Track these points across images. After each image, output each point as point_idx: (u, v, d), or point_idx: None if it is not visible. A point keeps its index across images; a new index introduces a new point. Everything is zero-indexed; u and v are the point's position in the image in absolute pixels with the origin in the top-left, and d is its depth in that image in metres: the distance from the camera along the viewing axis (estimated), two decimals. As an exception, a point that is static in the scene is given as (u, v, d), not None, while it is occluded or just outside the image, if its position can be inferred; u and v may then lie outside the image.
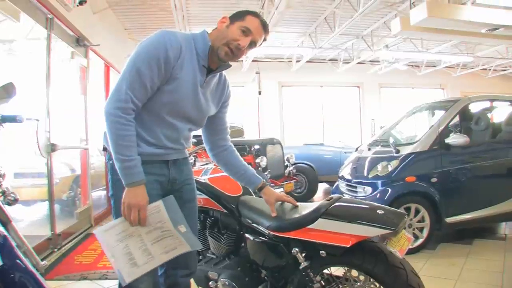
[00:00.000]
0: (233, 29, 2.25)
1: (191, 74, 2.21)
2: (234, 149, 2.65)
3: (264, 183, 2.54)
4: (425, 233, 5.17)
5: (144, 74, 2.05)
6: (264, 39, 2.39)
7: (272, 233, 2.31)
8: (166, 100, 2.18)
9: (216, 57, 2.28)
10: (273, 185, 7.93)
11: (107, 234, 2.06)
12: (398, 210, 2.20)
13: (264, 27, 2.33)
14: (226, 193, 2.71)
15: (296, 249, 2.18)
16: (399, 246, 2.05)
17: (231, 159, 2.61)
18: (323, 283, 2.19)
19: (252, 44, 2.32)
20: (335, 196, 2.25)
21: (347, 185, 6.01)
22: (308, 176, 9.20)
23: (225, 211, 2.68)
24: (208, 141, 2.63)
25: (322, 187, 10.49)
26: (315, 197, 9.42)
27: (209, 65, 2.30)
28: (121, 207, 2.08)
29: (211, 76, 2.34)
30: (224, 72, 2.47)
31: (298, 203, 2.43)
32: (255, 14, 2.31)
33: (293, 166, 9.00)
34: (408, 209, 5.08)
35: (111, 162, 2.20)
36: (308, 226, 2.11)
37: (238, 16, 2.29)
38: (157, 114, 2.21)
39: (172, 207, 2.16)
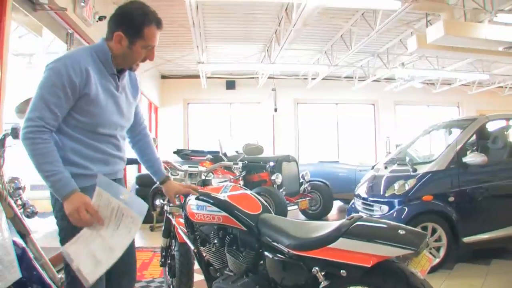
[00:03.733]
0: (137, 50, 2.32)
1: (105, 86, 2.31)
2: (150, 138, 2.90)
3: (167, 178, 2.89)
4: (442, 252, 5.12)
5: (50, 101, 2.11)
6: None
7: (292, 251, 2.30)
8: (95, 116, 2.28)
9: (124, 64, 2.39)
10: (287, 200, 7.92)
11: (75, 246, 2.09)
12: (419, 230, 2.19)
13: (160, 26, 2.34)
14: (246, 211, 2.69)
15: (317, 268, 2.16)
16: (420, 266, 2.04)
17: (147, 148, 2.86)
18: (343, 303, 2.18)
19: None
20: (356, 215, 2.24)
21: (363, 203, 5.98)
22: (323, 193, 9.15)
23: (244, 228, 2.68)
24: (127, 131, 2.72)
25: (336, 205, 10.43)
26: (330, 215, 9.36)
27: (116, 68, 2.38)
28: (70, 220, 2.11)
29: (122, 76, 2.44)
30: None
31: (318, 222, 2.43)
32: (149, 20, 2.28)
33: (308, 184, 8.99)
34: (425, 228, 5.03)
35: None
36: (329, 245, 2.10)
37: (135, 32, 2.28)
38: (94, 132, 2.31)
39: (106, 184, 2.20)
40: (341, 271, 2.08)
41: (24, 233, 2.58)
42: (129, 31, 2.26)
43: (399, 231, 2.03)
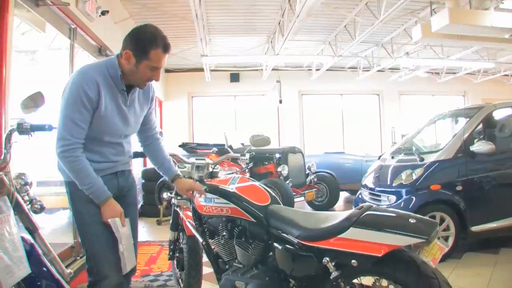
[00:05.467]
0: (142, 69, 2.51)
1: (113, 101, 2.57)
2: (160, 142, 3.14)
3: (177, 176, 3.11)
4: (451, 242, 5.12)
5: (76, 118, 2.42)
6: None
7: (302, 242, 2.29)
8: (101, 128, 2.56)
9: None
10: (295, 194, 7.92)
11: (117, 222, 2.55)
12: (430, 219, 2.17)
13: (166, 51, 2.52)
14: (254, 202, 2.70)
15: (327, 258, 2.16)
16: (432, 255, 2.03)
17: (156, 151, 3.11)
18: (354, 293, 2.17)
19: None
20: (365, 205, 2.23)
21: (370, 193, 5.97)
22: (329, 184, 9.16)
23: (253, 220, 2.67)
24: (138, 135, 3.07)
25: (343, 195, 10.42)
26: (336, 206, 9.36)
27: (127, 84, 2.62)
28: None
29: (133, 91, 2.69)
30: None
31: (327, 212, 2.42)
32: (156, 44, 2.46)
33: (314, 175, 8.99)
34: (433, 218, 5.00)
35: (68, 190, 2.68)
36: (339, 235, 2.10)
37: (142, 52, 2.47)
38: (99, 139, 2.62)
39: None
40: (352, 260, 2.08)
41: (32, 229, 2.57)
42: (137, 51, 2.47)
43: (409, 220, 2.02)
